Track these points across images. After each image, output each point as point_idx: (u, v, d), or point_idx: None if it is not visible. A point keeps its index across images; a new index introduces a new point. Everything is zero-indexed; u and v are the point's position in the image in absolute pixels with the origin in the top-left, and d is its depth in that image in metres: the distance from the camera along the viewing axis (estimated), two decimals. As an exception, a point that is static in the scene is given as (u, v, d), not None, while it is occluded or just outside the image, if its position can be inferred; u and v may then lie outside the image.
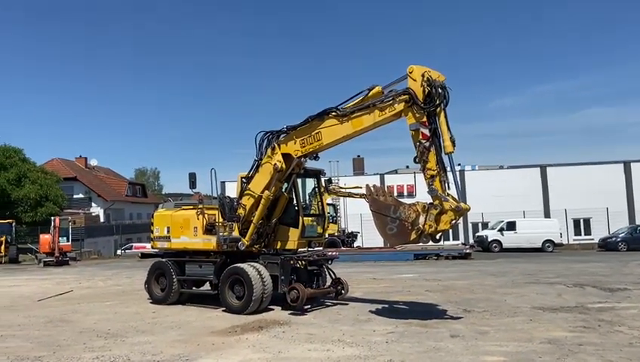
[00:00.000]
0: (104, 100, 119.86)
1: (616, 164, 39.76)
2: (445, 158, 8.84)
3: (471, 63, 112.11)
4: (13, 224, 33.29)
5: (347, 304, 11.35)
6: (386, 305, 11.08)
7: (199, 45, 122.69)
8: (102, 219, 49.51)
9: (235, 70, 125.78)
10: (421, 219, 8.58)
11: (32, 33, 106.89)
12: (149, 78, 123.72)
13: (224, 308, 10.66)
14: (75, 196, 49.31)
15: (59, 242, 29.25)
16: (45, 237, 29.81)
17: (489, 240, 33.16)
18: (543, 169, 40.64)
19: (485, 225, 37.00)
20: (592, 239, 36.40)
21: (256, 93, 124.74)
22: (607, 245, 32.00)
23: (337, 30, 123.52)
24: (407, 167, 44.87)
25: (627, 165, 39.34)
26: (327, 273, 11.81)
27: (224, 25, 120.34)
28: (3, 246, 31.34)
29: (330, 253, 12.01)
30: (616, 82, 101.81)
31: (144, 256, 33.47)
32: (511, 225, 33.22)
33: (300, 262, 10.98)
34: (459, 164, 9.49)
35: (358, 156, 49.05)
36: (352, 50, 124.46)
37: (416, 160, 8.91)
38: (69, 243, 31.07)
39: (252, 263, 10.65)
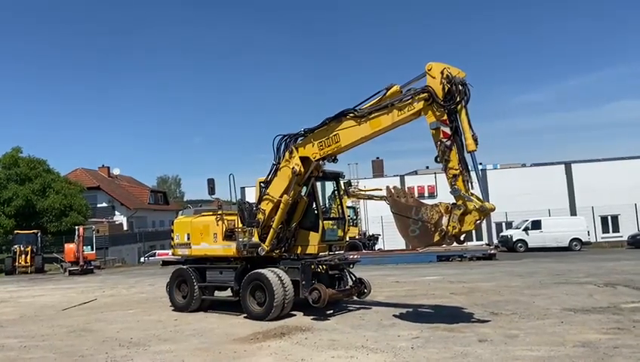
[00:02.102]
0: (125, 110, 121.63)
1: (644, 158, 38.68)
2: (468, 157, 8.62)
3: (491, 59, 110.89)
4: (39, 234, 33.77)
5: (370, 308, 11.15)
6: (410, 309, 10.84)
7: (218, 52, 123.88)
8: (125, 228, 50.05)
9: (255, 76, 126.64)
10: (444, 220, 8.35)
11: (53, 44, 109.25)
12: (168, 86, 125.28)
13: (245, 315, 10.56)
14: (98, 205, 49.98)
15: (83, 251, 29.54)
16: (70, 247, 30.15)
17: (514, 239, 32.50)
18: (568, 166, 39.77)
19: (509, 225, 36.33)
20: (621, 236, 35.43)
21: (275, 97, 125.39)
22: (636, 242, 31.03)
23: (358, 28, 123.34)
24: (427, 167, 44.35)
25: (656, 160, 38.24)
26: (348, 277, 11.62)
27: (242, 29, 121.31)
28: (29, 256, 31.81)
29: (351, 257, 11.84)
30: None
31: (165, 263, 33.67)
32: (536, 224, 32.50)
33: (321, 267, 10.83)
34: (480, 163, 9.40)
35: (377, 158, 48.70)
36: (370, 48, 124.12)
37: (438, 159, 8.68)
38: (94, 251, 31.34)
39: (273, 269, 10.54)
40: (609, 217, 37.85)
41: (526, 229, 32.59)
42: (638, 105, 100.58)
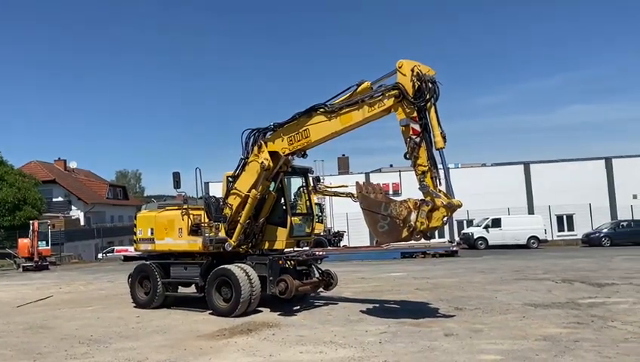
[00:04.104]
0: (83, 102, 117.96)
1: (598, 160, 40.24)
2: (436, 154, 8.72)
3: (454, 61, 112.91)
4: (-9, 228, 32.46)
5: (337, 304, 11.17)
6: (377, 305, 10.91)
7: (180, 44, 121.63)
8: (82, 223, 48.57)
9: (218, 69, 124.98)
10: (412, 216, 8.41)
11: (9, 35, 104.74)
12: (128, 78, 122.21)
13: (211, 311, 10.39)
14: (54, 199, 48.28)
15: (38, 246, 28.56)
16: (24, 242, 29.09)
17: (475, 237, 33.27)
18: (527, 166, 40.97)
19: (470, 223, 37.14)
20: (576, 235, 36.76)
21: (240, 92, 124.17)
22: (590, 240, 32.24)
23: (319, 28, 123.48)
24: (391, 165, 44.99)
25: (608, 161, 39.84)
26: (315, 271, 11.58)
27: (206, 24, 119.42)
28: (-20, 252, 30.54)
29: (319, 253, 11.82)
30: (598, 80, 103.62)
31: (127, 258, 32.87)
32: (496, 222, 33.39)
33: (288, 262, 10.75)
34: (441, 163, 9.56)
35: (343, 155, 48.96)
36: (337, 48, 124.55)
37: (407, 156, 8.75)
38: (49, 247, 30.27)
39: (239, 264, 10.39)
40: (564, 216, 39.24)
41: (486, 227, 33.44)
42: (592, 109, 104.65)
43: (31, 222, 30.35)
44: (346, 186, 27.17)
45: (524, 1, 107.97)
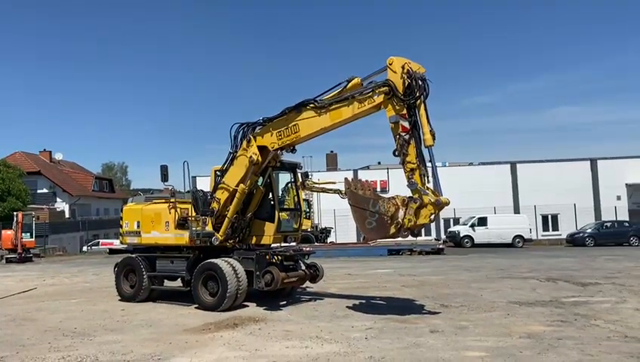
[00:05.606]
0: (69, 93, 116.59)
1: (583, 161, 40.65)
2: (425, 152, 8.74)
3: (442, 61, 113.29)
4: (-27, 219, 31.98)
5: (323, 299, 11.19)
6: (363, 301, 10.94)
7: (170, 37, 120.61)
8: (67, 215, 48.03)
9: (208, 64, 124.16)
10: (400, 213, 8.44)
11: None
12: (115, 69, 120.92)
13: (197, 305, 10.35)
14: (38, 191, 47.69)
15: (22, 238, 28.25)
16: (7, 233, 28.78)
17: (461, 235, 33.54)
18: (513, 166, 41.27)
19: (457, 221, 37.38)
20: (560, 235, 37.11)
21: (228, 86, 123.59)
22: (574, 240, 32.57)
23: (311, 27, 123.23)
24: (380, 163, 45.09)
25: (593, 162, 40.29)
26: (302, 266, 11.56)
27: (199, 18, 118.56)
28: (-38, 243, 30.05)
29: (306, 249, 11.82)
30: (583, 82, 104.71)
31: (112, 251, 32.64)
32: (482, 221, 33.66)
33: (275, 257, 10.74)
34: (429, 161, 9.57)
35: (332, 152, 48.92)
36: (325, 48, 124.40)
37: (396, 153, 8.76)
38: (33, 239, 29.95)
39: (226, 258, 10.35)
40: (549, 216, 39.63)
41: (472, 226, 33.71)
42: (578, 111, 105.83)
43: (15, 213, 29.99)
44: (334, 183, 27.18)
45: (511, 3, 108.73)
